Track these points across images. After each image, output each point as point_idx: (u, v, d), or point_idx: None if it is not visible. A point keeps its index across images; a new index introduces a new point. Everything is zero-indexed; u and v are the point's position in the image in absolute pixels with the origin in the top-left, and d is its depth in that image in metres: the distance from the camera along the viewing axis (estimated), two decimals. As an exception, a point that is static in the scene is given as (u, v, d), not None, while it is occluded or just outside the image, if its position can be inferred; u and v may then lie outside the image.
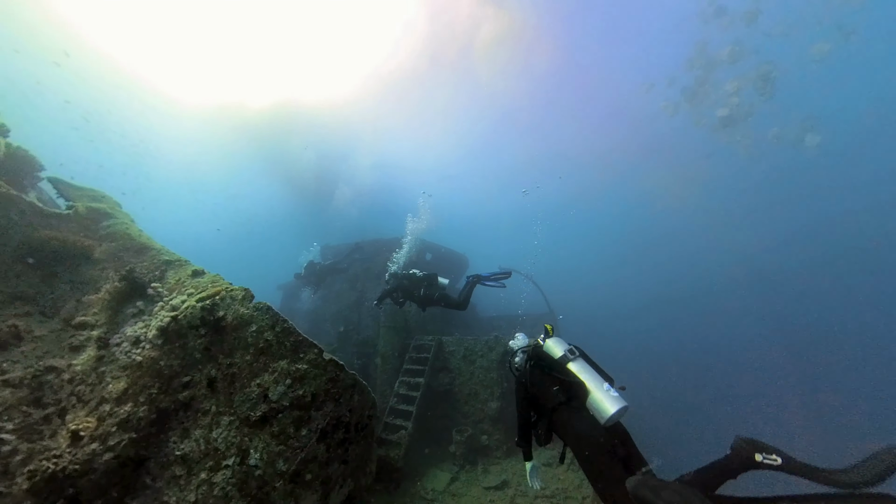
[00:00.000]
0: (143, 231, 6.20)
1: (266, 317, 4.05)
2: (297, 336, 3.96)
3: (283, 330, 3.98)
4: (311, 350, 3.96)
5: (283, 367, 3.84)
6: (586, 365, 3.47)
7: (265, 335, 3.97)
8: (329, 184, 29.50)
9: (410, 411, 9.54)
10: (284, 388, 3.74)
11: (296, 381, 3.80)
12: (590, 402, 3.13)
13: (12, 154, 6.57)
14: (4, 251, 4.98)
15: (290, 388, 3.76)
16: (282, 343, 3.94)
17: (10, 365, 4.17)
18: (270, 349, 3.92)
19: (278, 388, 3.74)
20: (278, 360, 3.88)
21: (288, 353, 3.91)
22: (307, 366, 3.87)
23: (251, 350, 3.95)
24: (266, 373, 3.82)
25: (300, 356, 3.91)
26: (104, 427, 3.72)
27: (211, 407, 3.86)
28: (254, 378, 3.82)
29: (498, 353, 10.61)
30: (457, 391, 10.74)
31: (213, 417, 3.80)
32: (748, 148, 31.38)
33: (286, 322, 4.02)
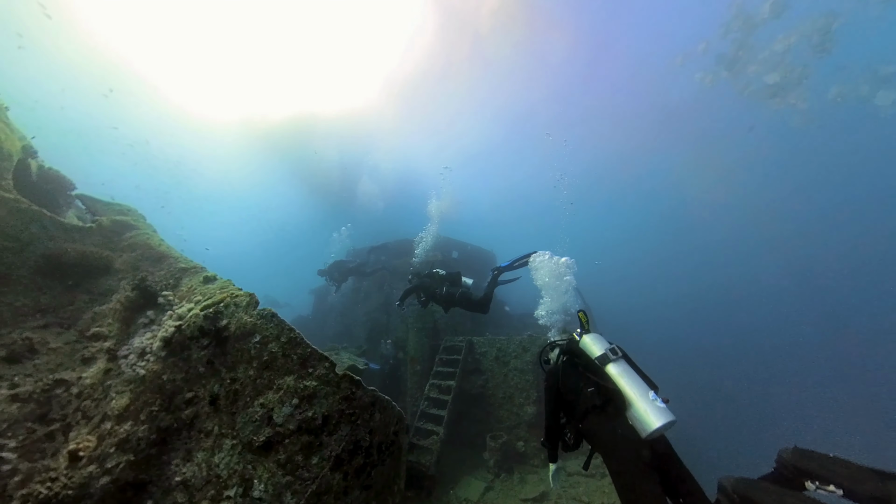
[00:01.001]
0: (164, 240, 5.97)
1: (270, 325, 3.51)
2: (306, 348, 3.39)
3: (289, 341, 3.42)
4: (321, 364, 3.37)
5: (289, 384, 3.27)
6: (629, 368, 3.01)
7: (269, 347, 3.43)
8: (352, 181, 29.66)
9: (442, 416, 8.89)
10: (291, 410, 3.18)
11: (304, 401, 3.23)
12: (631, 412, 2.75)
13: (44, 174, 6.66)
14: (26, 265, 4.82)
15: (297, 408, 3.19)
16: (288, 356, 3.38)
17: (22, 378, 3.91)
18: (275, 363, 3.38)
19: (284, 409, 3.18)
20: (284, 375, 3.32)
21: (295, 367, 3.35)
22: (316, 383, 3.29)
23: (254, 364, 3.42)
24: (270, 391, 3.27)
25: (308, 371, 3.33)
26: (102, 448, 3.32)
27: (213, 427, 3.37)
28: (257, 396, 3.29)
29: (533, 354, 9.75)
30: (490, 394, 9.98)
31: (215, 440, 3.31)
32: (805, 113, 26.83)
33: (293, 332, 3.46)
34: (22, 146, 5.93)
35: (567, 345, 3.44)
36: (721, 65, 25.95)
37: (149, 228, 6.24)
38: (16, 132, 5.91)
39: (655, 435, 2.65)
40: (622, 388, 2.84)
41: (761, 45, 23.55)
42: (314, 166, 28.93)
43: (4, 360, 3.99)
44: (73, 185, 6.97)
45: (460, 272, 7.87)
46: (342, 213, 28.97)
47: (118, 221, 6.08)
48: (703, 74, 28.12)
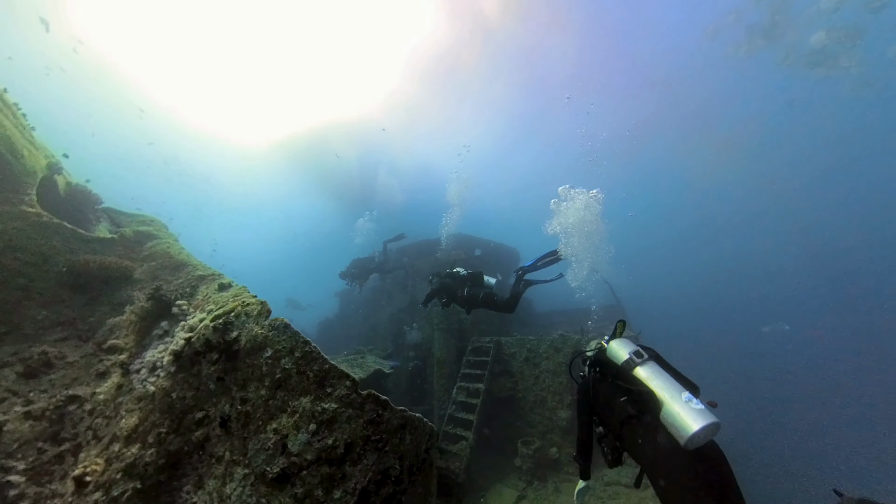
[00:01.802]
0: (183, 249, 5.75)
1: (283, 338, 3.07)
2: (323, 364, 2.93)
3: (303, 356, 2.97)
4: (342, 383, 2.89)
5: (305, 406, 2.82)
6: (659, 370, 2.71)
7: (283, 363, 2.99)
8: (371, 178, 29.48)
9: (471, 420, 8.38)
10: (308, 437, 2.72)
11: (322, 427, 2.76)
12: (664, 417, 2.41)
13: (72, 190, 6.69)
14: (49, 277, 4.66)
15: (314, 435, 2.73)
16: (303, 374, 2.93)
17: (37, 395, 3.69)
18: (289, 382, 2.93)
19: (300, 436, 2.72)
20: (299, 396, 2.87)
21: (311, 387, 2.89)
22: (337, 405, 2.81)
23: (266, 382, 2.99)
24: (284, 414, 2.83)
25: (327, 391, 2.86)
26: (109, 473, 3.00)
27: (224, 453, 2.98)
28: (270, 420, 2.86)
29: (565, 355, 9.07)
30: (520, 397, 9.37)
31: (226, 467, 2.91)
32: (859, 78, 23.31)
33: (308, 345, 3.00)
34: (47, 163, 5.86)
35: (595, 355, 3.16)
36: (756, 33, 23.36)
37: (170, 237, 6.04)
38: (41, 150, 5.86)
39: (697, 442, 2.26)
40: (656, 394, 2.52)
41: (802, 6, 20.82)
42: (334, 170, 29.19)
43: (21, 376, 3.78)
44: (101, 200, 7.00)
45: (482, 272, 7.29)
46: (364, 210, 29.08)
47: (140, 232, 5.92)
48: (735, 46, 25.54)
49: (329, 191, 33.29)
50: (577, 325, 12.79)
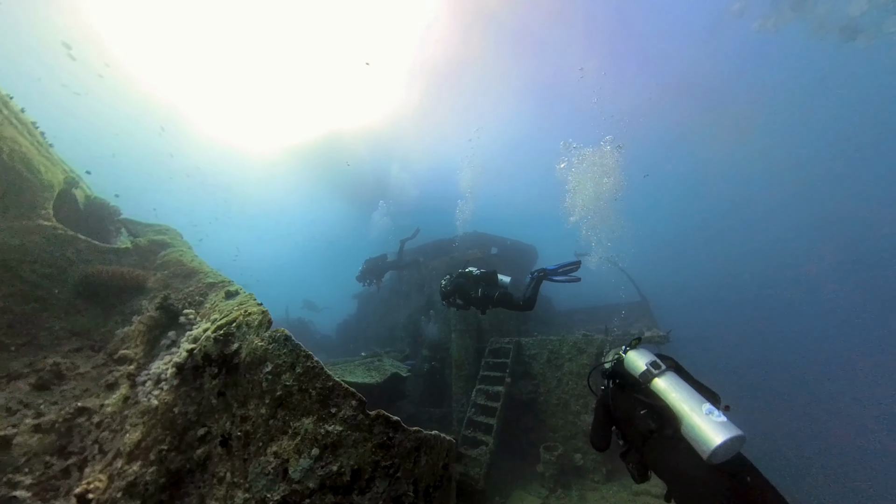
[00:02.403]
0: (196, 256, 5.68)
1: (284, 352, 2.83)
2: (326, 380, 2.66)
3: (305, 371, 2.71)
4: (347, 402, 2.62)
5: (307, 428, 2.56)
6: (678, 381, 2.58)
7: (283, 379, 2.75)
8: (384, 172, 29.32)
9: (491, 424, 8.03)
10: (310, 462, 2.46)
11: (326, 452, 2.50)
12: (685, 431, 2.31)
13: (91, 203, 6.80)
14: (65, 288, 4.64)
15: (318, 461, 2.47)
16: (305, 391, 2.67)
17: (48, 407, 3.62)
18: (290, 400, 2.69)
19: (301, 461, 2.47)
20: (300, 416, 2.62)
21: (314, 406, 2.63)
22: (342, 427, 2.54)
23: (266, 400, 2.76)
24: (285, 436, 2.59)
25: (331, 412, 2.59)
26: (111, 492, 2.85)
27: (226, 474, 2.77)
28: (270, 442, 2.62)
29: (590, 356, 8.59)
30: (542, 400, 8.94)
31: (227, 489, 2.70)
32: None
33: (309, 359, 2.75)
34: (64, 178, 5.91)
35: (613, 367, 3.02)
36: (783, 3, 21.41)
37: (184, 245, 6.00)
38: (58, 166, 5.91)
39: (721, 456, 2.14)
40: (671, 406, 2.42)
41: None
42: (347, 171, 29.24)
43: (34, 388, 3.73)
44: (119, 212, 7.11)
45: (496, 270, 6.93)
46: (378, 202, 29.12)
47: (155, 241, 5.90)
48: (762, 20, 23.62)
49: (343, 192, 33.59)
50: (600, 323, 12.21)
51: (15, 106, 5.16)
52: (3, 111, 4.88)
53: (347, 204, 36.29)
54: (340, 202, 37.17)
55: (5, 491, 2.97)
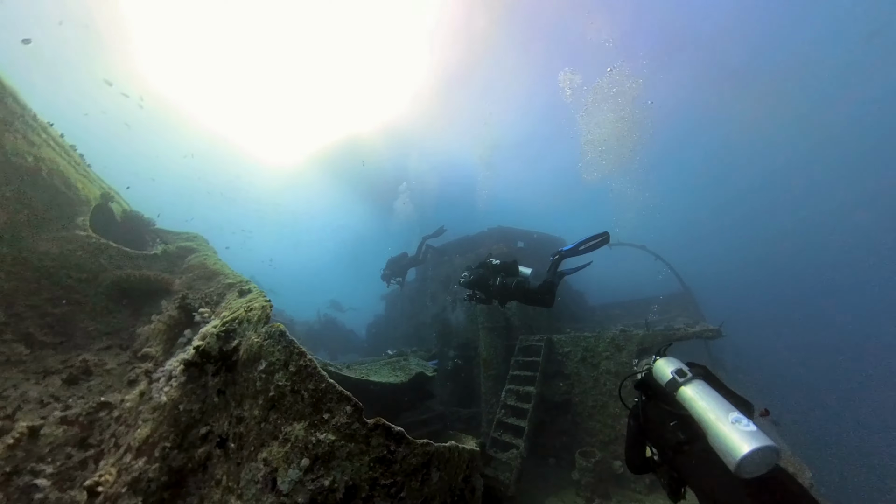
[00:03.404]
0: (219, 260, 5.81)
1: (278, 348, 2.63)
2: (319, 382, 2.40)
3: (298, 371, 2.48)
4: (341, 408, 2.33)
5: (298, 434, 2.31)
6: (706, 389, 2.40)
7: (276, 378, 2.54)
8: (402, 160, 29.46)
9: (522, 427, 7.55)
10: (299, 474, 2.20)
11: (317, 463, 2.22)
12: (712, 442, 2.13)
13: (128, 215, 7.28)
14: (98, 292, 4.86)
15: (308, 473, 2.20)
16: (297, 393, 2.44)
17: (75, 401, 3.72)
18: (283, 402, 2.47)
19: (290, 471, 2.22)
20: (292, 420, 2.38)
21: (306, 409, 2.38)
22: (335, 436, 2.26)
23: (259, 400, 2.57)
24: (275, 442, 2.36)
25: (323, 417, 2.32)
26: (117, 486, 2.80)
27: (222, 477, 2.61)
28: (261, 447, 2.41)
29: (629, 354, 7.88)
30: (577, 402, 8.31)
31: (223, 494, 2.54)
32: None
33: (303, 357, 2.51)
34: (101, 193, 6.30)
35: (645, 374, 2.88)
36: None
37: (209, 250, 6.16)
38: (95, 183, 6.33)
39: (751, 469, 1.97)
40: (699, 417, 2.27)
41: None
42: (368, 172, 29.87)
43: (65, 383, 3.86)
44: (153, 223, 7.54)
45: (516, 261, 6.55)
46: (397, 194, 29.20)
47: (183, 247, 6.11)
48: None
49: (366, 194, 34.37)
50: (638, 318, 11.27)
51: (54, 132, 5.55)
52: (42, 135, 5.24)
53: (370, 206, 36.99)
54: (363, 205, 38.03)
55: (28, 478, 3.05)
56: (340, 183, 34.25)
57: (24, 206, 4.69)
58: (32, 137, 5.01)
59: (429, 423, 9.00)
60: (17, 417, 3.43)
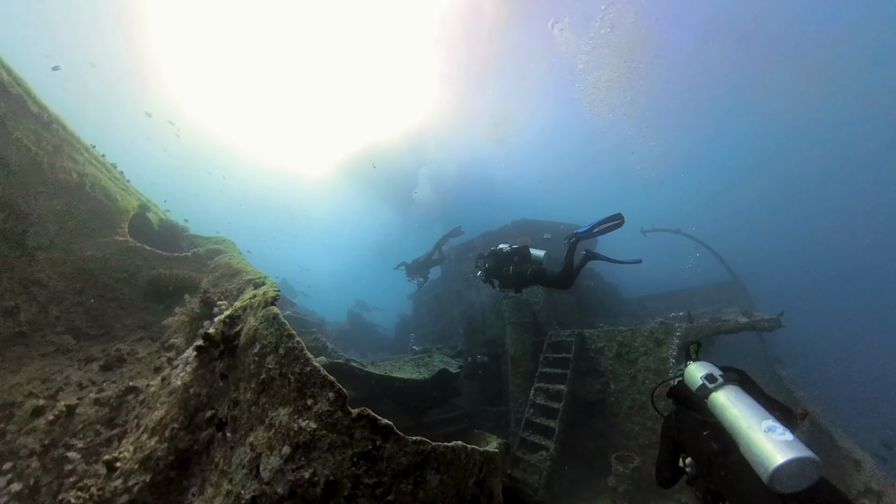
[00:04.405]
0: (243, 259, 6.14)
1: (270, 331, 2.58)
2: (304, 365, 2.30)
3: (286, 353, 2.41)
4: (324, 394, 2.18)
5: (282, 420, 2.21)
6: (739, 394, 2.19)
7: (267, 361, 2.49)
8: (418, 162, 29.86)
9: (552, 427, 7.12)
10: (280, 462, 2.09)
11: (298, 452, 2.09)
12: (744, 452, 1.97)
13: (164, 223, 8.02)
14: (135, 290, 5.25)
15: (288, 462, 2.07)
16: (285, 376, 2.35)
17: (108, 385, 3.97)
18: (272, 385, 2.40)
19: (272, 459, 2.12)
20: (278, 405, 2.29)
21: (291, 394, 2.28)
22: (316, 425, 2.11)
23: (252, 384, 2.53)
24: (262, 427, 2.29)
25: (307, 403, 2.19)
26: (131, 463, 2.91)
27: (219, 460, 2.60)
28: (250, 432, 2.36)
29: (671, 349, 7.20)
30: (613, 402, 7.72)
31: (219, 477, 2.52)
32: None
33: (292, 339, 2.43)
34: (138, 204, 6.89)
35: (676, 385, 2.71)
36: None
37: (235, 252, 6.50)
38: (133, 195, 7.04)
39: (787, 482, 1.76)
40: (730, 425, 2.09)
41: None
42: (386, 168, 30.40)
43: (102, 369, 4.15)
44: (188, 229, 8.28)
45: (528, 245, 6.25)
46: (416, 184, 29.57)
47: (212, 249, 6.50)
48: None
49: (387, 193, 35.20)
50: (679, 310, 10.34)
51: (96, 152, 6.24)
52: (86, 155, 5.87)
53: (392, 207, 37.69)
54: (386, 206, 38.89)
55: (63, 451, 3.26)
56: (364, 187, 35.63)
57: (72, 216, 5.21)
58: (77, 158, 5.63)
59: (455, 421, 8.80)
60: (59, 398, 3.73)
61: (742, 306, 10.90)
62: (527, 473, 6.72)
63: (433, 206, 27.69)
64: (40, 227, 4.81)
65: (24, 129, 4.74)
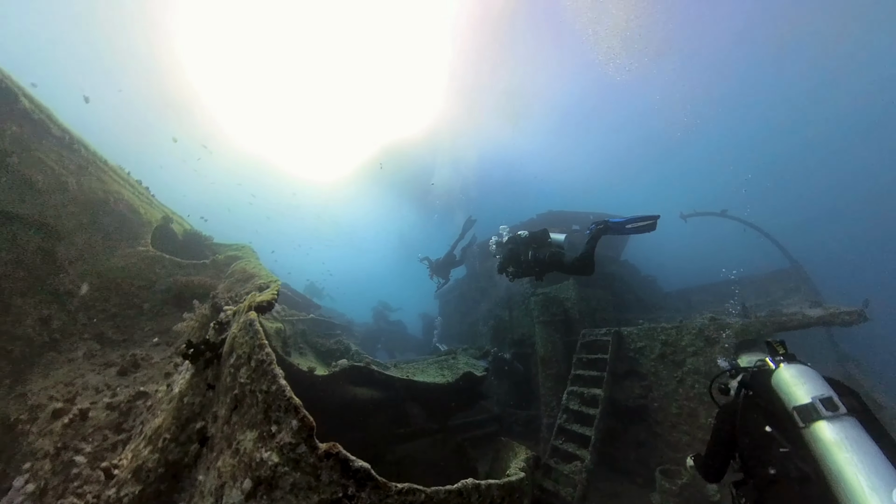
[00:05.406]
0: (259, 264, 6.16)
1: (246, 339, 2.33)
2: (272, 382, 1.96)
3: (257, 367, 2.13)
4: (288, 421, 1.81)
5: (247, 446, 1.90)
6: (861, 436, 1.65)
7: (241, 374, 2.23)
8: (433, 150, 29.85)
9: (588, 435, 6.50)
10: (241, 497, 1.77)
11: (259, 489, 1.74)
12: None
13: (188, 232, 8.35)
14: (155, 297, 5.38)
15: (249, 498, 1.74)
16: (254, 393, 2.07)
17: (122, 390, 4.00)
18: (244, 402, 2.13)
19: (233, 492, 1.82)
20: (246, 427, 2.00)
21: (258, 416, 1.95)
22: (278, 458, 1.75)
23: (227, 398, 2.29)
24: (229, 451, 2.02)
25: (271, 430, 1.85)
26: (126, 472, 2.81)
27: (202, 479, 2.40)
28: (221, 453, 2.11)
29: (725, 348, 6.34)
30: (657, 408, 6.94)
31: (199, 497, 2.31)
32: None
33: (262, 350, 2.15)
34: (162, 216, 7.16)
35: (753, 375, 2.31)
36: None
37: (252, 257, 6.55)
38: (157, 208, 7.38)
39: None
40: (835, 473, 1.59)
41: None
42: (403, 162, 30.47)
43: (119, 373, 4.20)
44: (211, 238, 8.57)
45: (546, 229, 5.79)
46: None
47: (230, 256, 6.60)
48: None
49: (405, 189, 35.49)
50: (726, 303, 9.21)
51: (121, 170, 6.59)
52: (111, 174, 6.19)
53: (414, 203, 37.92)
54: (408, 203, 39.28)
55: (72, 454, 3.27)
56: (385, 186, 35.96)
57: (98, 230, 5.44)
58: (102, 176, 5.93)
59: (483, 425, 8.38)
60: (76, 401, 3.80)
61: (807, 296, 9.54)
62: (560, 485, 6.16)
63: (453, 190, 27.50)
64: (69, 241, 5.03)
65: (47, 150, 5.00)
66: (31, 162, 4.72)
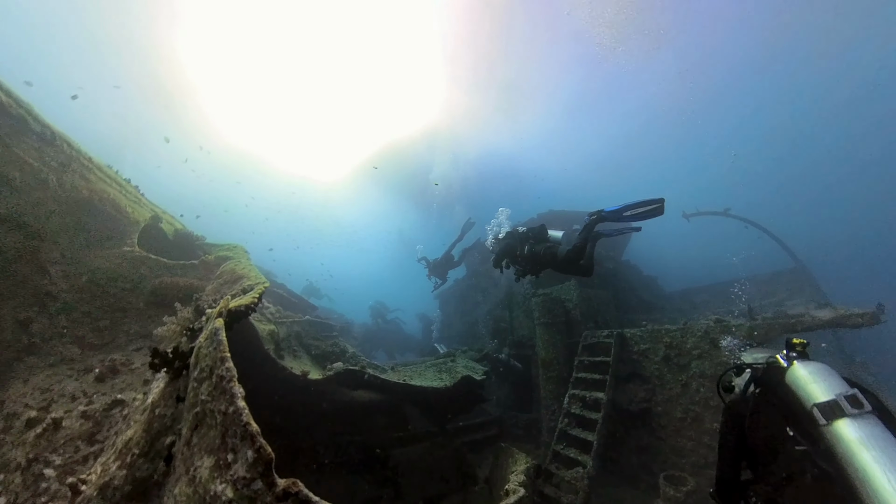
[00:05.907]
0: (249, 265, 5.94)
1: (210, 350, 2.11)
2: (230, 403, 1.70)
3: (216, 385, 1.90)
4: (244, 450, 1.52)
5: (202, 475, 1.67)
6: (885, 436, 1.62)
7: (202, 389, 2.02)
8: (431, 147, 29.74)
9: (590, 441, 6.28)
10: None
11: None
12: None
13: (179, 232, 8.12)
14: (139, 299, 5.16)
15: None
16: (213, 414, 1.85)
17: (98, 397, 3.80)
18: (203, 423, 1.90)
19: None
20: (204, 452, 1.77)
21: (216, 441, 1.71)
22: (232, 493, 1.47)
23: (190, 415, 2.07)
24: (185, 478, 1.80)
25: (227, 459, 1.58)
26: (93, 488, 2.60)
27: (165, 499, 2.19)
28: (178, 480, 1.89)
29: (731, 350, 6.10)
30: (660, 412, 6.71)
31: (162, 524, 2.10)
32: None
33: (224, 364, 1.92)
34: (151, 216, 6.94)
35: (765, 371, 2.18)
36: None
37: (243, 257, 6.32)
38: (145, 207, 7.15)
39: None
40: (858, 475, 1.55)
41: None
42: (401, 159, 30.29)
43: (96, 379, 4.01)
44: (203, 238, 8.33)
45: (544, 224, 5.71)
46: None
47: (221, 256, 6.37)
48: None
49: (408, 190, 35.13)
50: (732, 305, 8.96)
51: (109, 169, 6.37)
52: (97, 172, 5.97)
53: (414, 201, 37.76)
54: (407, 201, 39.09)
55: (42, 466, 3.08)
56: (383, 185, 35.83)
57: (82, 229, 5.23)
58: (86, 174, 5.70)
59: (484, 428, 8.17)
60: (51, 409, 3.60)
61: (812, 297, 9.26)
62: (561, 491, 5.95)
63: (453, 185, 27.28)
64: (50, 241, 4.83)
65: (26, 146, 4.78)
66: (8, 158, 4.51)
